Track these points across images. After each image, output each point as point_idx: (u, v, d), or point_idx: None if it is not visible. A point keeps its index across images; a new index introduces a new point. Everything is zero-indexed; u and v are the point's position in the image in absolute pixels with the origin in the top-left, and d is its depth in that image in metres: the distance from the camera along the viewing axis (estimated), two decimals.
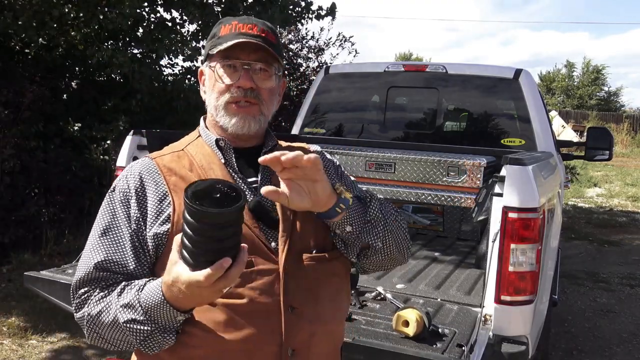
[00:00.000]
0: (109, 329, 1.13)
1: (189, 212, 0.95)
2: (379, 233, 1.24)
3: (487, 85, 4.16)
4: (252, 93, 1.24)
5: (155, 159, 1.27)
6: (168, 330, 1.11)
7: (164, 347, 1.12)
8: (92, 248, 1.19)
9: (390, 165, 3.46)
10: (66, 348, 3.75)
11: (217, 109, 1.26)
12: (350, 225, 1.20)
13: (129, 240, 1.18)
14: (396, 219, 1.29)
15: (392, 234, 1.26)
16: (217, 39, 1.26)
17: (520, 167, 2.29)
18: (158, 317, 1.09)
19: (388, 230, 1.25)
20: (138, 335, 1.10)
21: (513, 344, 2.26)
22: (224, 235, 0.96)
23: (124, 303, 1.11)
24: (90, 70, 6.55)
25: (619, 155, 19.17)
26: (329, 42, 9.30)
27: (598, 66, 33.68)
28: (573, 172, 10.25)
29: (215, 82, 1.26)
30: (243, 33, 1.24)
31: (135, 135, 2.99)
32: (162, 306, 1.07)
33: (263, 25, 1.27)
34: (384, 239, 1.25)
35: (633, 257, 6.82)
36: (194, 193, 0.96)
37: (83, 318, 1.16)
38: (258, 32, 1.25)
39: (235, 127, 1.25)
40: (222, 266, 0.95)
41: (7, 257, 5.18)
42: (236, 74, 1.24)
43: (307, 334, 1.20)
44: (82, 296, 1.17)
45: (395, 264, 1.35)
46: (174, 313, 1.07)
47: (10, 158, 5.13)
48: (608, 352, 4.07)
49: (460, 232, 4.02)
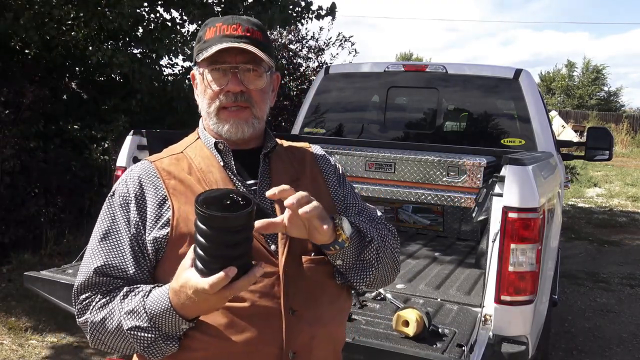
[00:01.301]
0: (112, 336, 1.13)
1: (198, 218, 0.97)
2: (368, 276, 1.24)
3: (487, 85, 4.16)
4: (243, 96, 1.23)
5: (154, 162, 1.27)
6: (171, 337, 1.11)
7: (166, 354, 1.13)
8: (92, 253, 1.20)
9: (390, 165, 3.46)
10: (66, 348, 3.75)
11: (209, 116, 1.26)
12: (342, 260, 1.21)
13: (129, 245, 1.18)
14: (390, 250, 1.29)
15: (381, 274, 1.27)
16: (203, 44, 1.25)
17: (520, 167, 2.29)
18: (163, 325, 1.09)
19: (378, 272, 1.26)
20: (142, 342, 1.10)
21: (513, 344, 2.26)
22: (231, 242, 0.97)
23: (128, 309, 1.11)
24: (90, 70, 6.55)
25: (619, 155, 19.17)
26: (329, 42, 9.30)
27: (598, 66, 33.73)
28: (573, 172, 10.25)
29: (205, 88, 1.25)
30: (227, 35, 1.22)
31: (135, 135, 2.99)
32: (168, 313, 1.07)
33: (247, 23, 1.25)
34: (371, 281, 1.26)
35: (633, 257, 6.81)
36: (204, 199, 0.98)
37: (86, 324, 1.16)
38: (243, 32, 1.23)
39: (229, 134, 1.24)
40: (227, 275, 0.96)
41: (7, 257, 5.18)
42: (225, 78, 1.22)
43: (307, 336, 1.20)
44: (83, 302, 1.17)
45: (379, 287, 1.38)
46: (179, 321, 1.08)
47: (10, 158, 5.13)
48: (608, 352, 4.07)
49: (460, 232, 4.01)
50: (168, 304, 1.07)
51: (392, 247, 1.30)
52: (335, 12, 6.94)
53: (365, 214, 1.35)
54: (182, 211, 1.18)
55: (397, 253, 1.33)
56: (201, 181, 1.23)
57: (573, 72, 34.40)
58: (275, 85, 1.34)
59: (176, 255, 1.15)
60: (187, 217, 1.17)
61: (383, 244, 1.27)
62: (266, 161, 1.30)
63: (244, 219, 0.97)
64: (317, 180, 1.34)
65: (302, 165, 1.34)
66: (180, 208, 1.19)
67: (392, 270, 1.31)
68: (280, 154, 1.33)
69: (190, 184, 1.22)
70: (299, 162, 1.35)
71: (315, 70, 8.91)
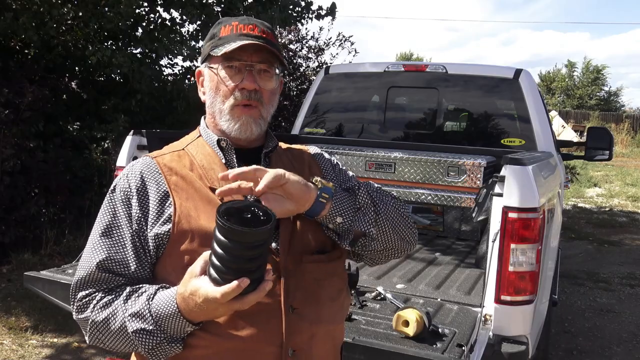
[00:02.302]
0: (114, 337, 1.13)
1: (218, 228, 0.98)
2: (371, 219, 1.23)
3: (487, 85, 4.16)
4: (256, 95, 1.23)
5: (155, 158, 1.27)
6: (176, 340, 1.12)
7: (170, 355, 1.13)
8: (93, 248, 1.19)
9: (390, 165, 3.46)
10: (66, 348, 3.75)
11: (221, 113, 1.25)
12: (341, 215, 1.20)
13: (130, 241, 1.18)
14: (392, 205, 1.28)
15: (388, 220, 1.26)
16: (218, 40, 1.25)
17: (520, 167, 2.29)
18: (168, 328, 1.09)
19: (381, 216, 1.24)
20: (146, 345, 1.10)
21: (513, 344, 2.26)
22: (248, 256, 0.99)
23: (133, 312, 1.11)
24: (90, 70, 6.55)
25: (619, 155, 19.17)
26: (329, 42, 9.30)
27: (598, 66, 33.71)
28: (573, 172, 10.25)
29: (218, 84, 1.25)
30: (245, 34, 1.23)
31: (135, 135, 2.99)
32: (174, 317, 1.08)
33: (262, 25, 1.27)
34: (378, 224, 1.24)
35: (633, 257, 6.81)
36: (226, 210, 0.99)
37: (86, 322, 1.16)
38: (259, 33, 1.24)
39: (238, 132, 1.24)
40: (239, 286, 0.97)
41: (7, 257, 5.18)
42: (239, 76, 1.23)
43: (307, 334, 1.20)
44: (83, 299, 1.17)
45: (400, 251, 1.33)
46: (185, 324, 1.09)
47: (10, 158, 5.13)
48: (608, 352, 4.07)
49: (460, 232, 4.01)
50: (175, 309, 1.07)
51: (391, 200, 1.30)
52: (336, 12, 6.94)
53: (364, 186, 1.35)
54: (184, 208, 1.18)
55: (403, 209, 1.31)
56: (203, 178, 1.23)
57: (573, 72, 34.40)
58: (279, 90, 1.35)
59: (177, 252, 1.15)
60: (189, 213, 1.18)
61: (375, 191, 1.28)
62: (267, 160, 1.30)
63: (264, 234, 0.99)
64: None
65: (301, 165, 1.35)
66: (181, 205, 1.19)
67: (403, 222, 1.29)
68: (281, 154, 1.35)
69: (192, 180, 1.22)
70: (298, 162, 1.36)
71: (315, 70, 8.91)
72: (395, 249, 1.31)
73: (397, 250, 1.32)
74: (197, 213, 1.18)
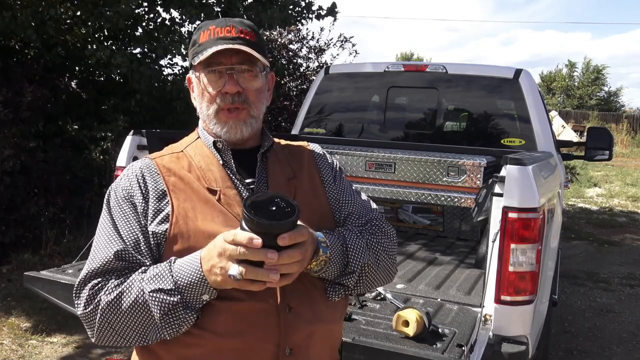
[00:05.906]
0: (125, 313, 1.11)
1: (245, 220, 1.03)
2: (353, 280, 1.24)
3: (487, 85, 4.16)
4: (240, 97, 1.24)
5: (154, 159, 1.29)
6: (191, 307, 1.11)
7: (182, 327, 1.11)
8: (107, 239, 1.18)
9: (390, 165, 3.46)
10: (66, 348, 3.75)
11: (208, 118, 1.27)
12: (325, 274, 1.21)
13: (142, 233, 1.19)
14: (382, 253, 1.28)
15: (371, 274, 1.26)
16: (198, 47, 1.26)
17: (520, 167, 2.29)
18: (186, 289, 1.09)
19: (365, 275, 1.25)
20: (162, 307, 1.09)
21: (513, 344, 2.26)
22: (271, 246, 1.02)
23: (152, 274, 1.11)
24: (89, 70, 6.56)
25: (619, 155, 19.18)
26: (329, 43, 9.30)
27: (598, 66, 33.71)
28: (573, 172, 10.25)
29: (202, 90, 1.26)
30: (221, 38, 1.23)
31: (135, 135, 2.99)
32: (194, 274, 1.09)
33: (240, 24, 1.27)
34: (359, 283, 1.25)
35: (633, 257, 6.81)
36: (252, 203, 1.04)
37: (96, 308, 1.13)
38: (236, 34, 1.24)
39: (228, 135, 1.26)
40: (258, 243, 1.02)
41: (7, 257, 5.18)
42: (221, 80, 1.24)
43: (304, 333, 1.20)
44: (94, 287, 1.14)
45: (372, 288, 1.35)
46: (203, 287, 1.09)
47: (10, 158, 5.13)
48: (608, 352, 4.07)
49: (460, 232, 4.01)
50: (198, 267, 1.09)
51: (387, 252, 1.30)
52: (336, 12, 6.94)
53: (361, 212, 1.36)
54: (181, 208, 1.19)
55: (393, 256, 1.32)
56: (201, 179, 1.24)
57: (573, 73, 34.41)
58: (270, 85, 1.35)
59: (174, 252, 1.16)
60: (186, 214, 1.19)
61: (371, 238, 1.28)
62: (263, 160, 1.31)
63: (288, 227, 1.03)
64: (314, 179, 1.35)
65: (299, 164, 1.36)
66: (179, 205, 1.20)
67: (386, 275, 1.32)
68: (278, 153, 1.35)
69: (190, 181, 1.24)
70: (296, 161, 1.36)
71: (316, 71, 8.91)
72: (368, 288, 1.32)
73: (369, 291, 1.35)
74: (195, 214, 1.19)
